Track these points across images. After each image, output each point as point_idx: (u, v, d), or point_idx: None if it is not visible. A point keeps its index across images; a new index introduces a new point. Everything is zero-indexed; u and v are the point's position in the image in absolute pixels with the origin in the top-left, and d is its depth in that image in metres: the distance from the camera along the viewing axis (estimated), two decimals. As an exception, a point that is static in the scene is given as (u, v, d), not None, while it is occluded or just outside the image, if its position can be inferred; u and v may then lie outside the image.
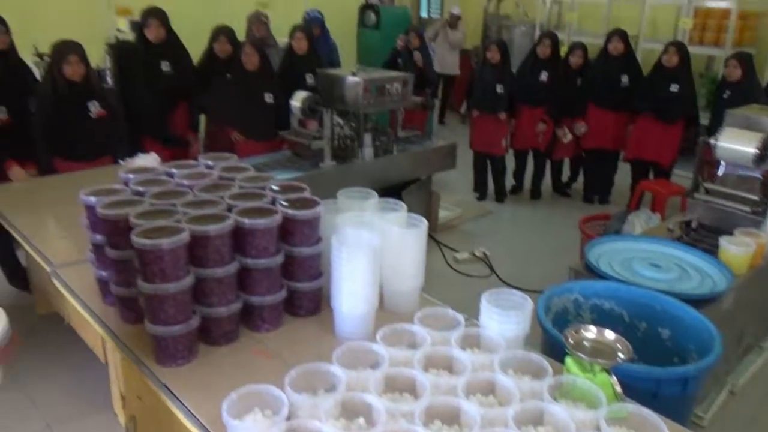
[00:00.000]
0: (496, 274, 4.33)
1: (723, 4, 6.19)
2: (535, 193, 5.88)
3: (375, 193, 2.12)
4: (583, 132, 5.39)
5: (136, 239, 1.56)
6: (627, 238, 2.98)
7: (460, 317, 1.73)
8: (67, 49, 3.25)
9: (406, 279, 1.93)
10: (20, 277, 3.61)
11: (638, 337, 2.24)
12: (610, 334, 1.56)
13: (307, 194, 1.96)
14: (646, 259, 2.66)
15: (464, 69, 9.26)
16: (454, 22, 7.81)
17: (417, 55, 5.49)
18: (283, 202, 1.85)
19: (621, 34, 5.22)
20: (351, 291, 1.74)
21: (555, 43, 5.40)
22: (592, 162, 5.69)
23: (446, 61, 7.97)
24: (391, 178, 4.41)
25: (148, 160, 3.54)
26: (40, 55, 4.72)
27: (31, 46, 4.70)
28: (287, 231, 1.83)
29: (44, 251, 2.44)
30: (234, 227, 1.71)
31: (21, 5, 4.66)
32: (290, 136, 4.10)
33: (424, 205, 4.73)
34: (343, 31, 7.18)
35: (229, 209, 1.81)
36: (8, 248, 3.53)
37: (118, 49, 4.37)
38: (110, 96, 3.86)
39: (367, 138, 4.15)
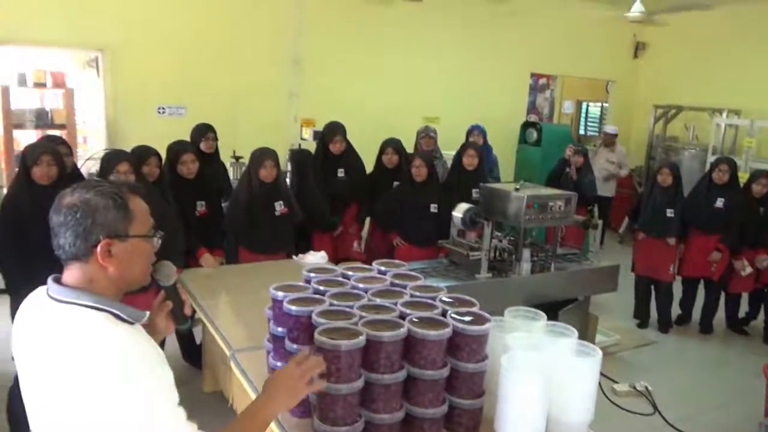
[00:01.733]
0: (661, 415, 3.91)
1: None
2: (706, 327, 5.34)
3: (543, 315, 2.08)
4: (766, 266, 4.89)
5: (318, 337, 1.66)
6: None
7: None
8: (264, 156, 3.71)
9: (574, 412, 1.82)
10: (195, 354, 3.94)
11: None
12: None
13: (476, 309, 1.97)
14: None
15: (624, 188, 9.02)
16: (609, 140, 7.67)
17: (572, 171, 5.47)
18: (455, 315, 1.87)
19: None
20: (519, 418, 1.68)
21: (733, 169, 5.08)
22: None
23: (603, 183, 7.77)
24: (548, 296, 4.27)
25: (317, 257, 3.82)
26: (236, 158, 5.39)
27: (230, 150, 5.40)
28: (455, 345, 1.83)
29: (224, 334, 2.66)
30: (406, 335, 1.75)
31: (221, 116, 5.41)
32: (449, 245, 4.19)
33: (581, 327, 4.47)
34: (504, 146, 7.39)
35: (401, 317, 1.87)
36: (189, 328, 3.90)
37: (299, 155, 4.85)
38: (291, 196, 4.29)
39: (526, 253, 4.11)
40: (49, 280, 1.28)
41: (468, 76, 7.52)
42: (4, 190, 5.17)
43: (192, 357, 3.97)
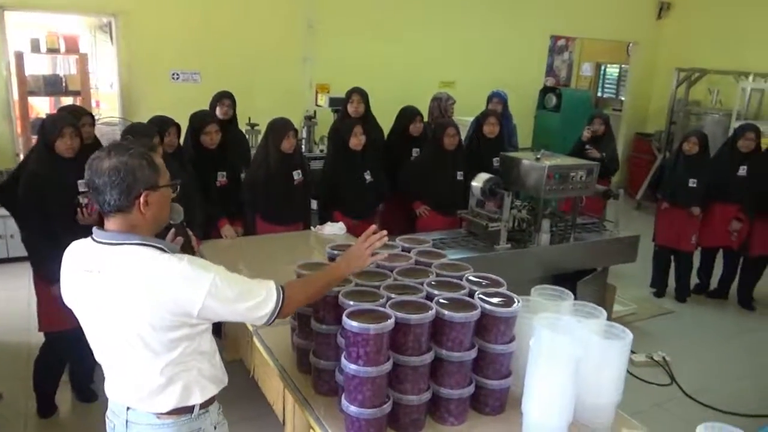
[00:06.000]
0: (679, 386, 3.91)
1: None
2: (722, 293, 5.33)
3: (570, 294, 2.05)
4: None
5: (347, 320, 1.65)
6: None
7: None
8: (287, 127, 3.67)
9: (603, 393, 1.81)
10: (214, 324, 3.97)
11: None
12: None
13: (504, 290, 1.95)
14: None
15: (642, 153, 8.88)
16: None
17: (593, 152, 5.27)
18: (483, 296, 1.85)
19: None
20: (546, 400, 1.68)
21: (758, 136, 4.96)
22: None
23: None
24: (567, 267, 4.25)
25: (335, 228, 3.80)
26: (252, 125, 5.34)
27: (245, 117, 5.34)
28: (483, 326, 1.82)
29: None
30: (434, 317, 1.74)
31: (236, 82, 5.35)
32: (468, 216, 4.15)
33: (599, 297, 4.47)
34: (522, 111, 7.25)
35: (428, 297, 1.85)
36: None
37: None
38: (307, 165, 4.26)
39: (545, 224, 4.07)
40: (95, 229, 1.56)
41: (486, 39, 7.33)
42: (21, 156, 5.19)
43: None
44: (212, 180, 3.71)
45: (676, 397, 3.82)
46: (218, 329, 3.87)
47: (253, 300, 1.59)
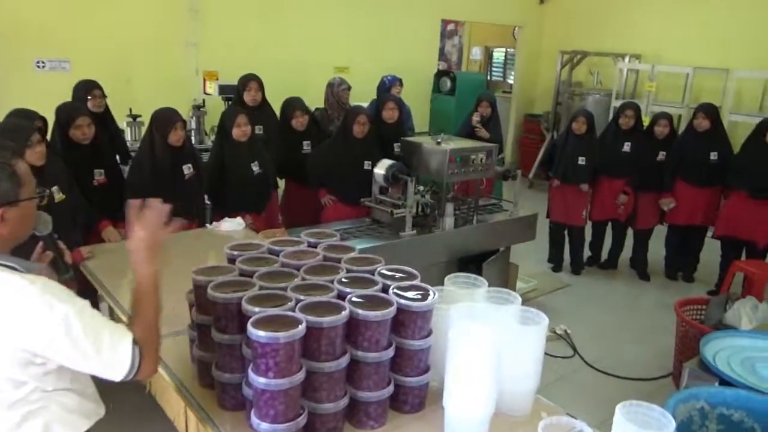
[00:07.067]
0: (581, 356, 4.08)
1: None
2: (611, 264, 5.65)
3: (484, 281, 2.00)
4: (672, 208, 5.16)
5: (252, 330, 1.49)
6: (745, 334, 2.73)
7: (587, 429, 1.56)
8: (174, 118, 3.38)
9: (522, 380, 1.78)
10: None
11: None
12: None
13: (418, 282, 1.86)
14: (770, 361, 2.41)
15: (532, 133, 9.23)
16: None
17: (482, 132, 5.37)
18: (398, 291, 1.75)
19: (706, 111, 5.01)
20: (467, 393, 1.61)
21: (638, 113, 5.26)
22: (677, 237, 5.41)
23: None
24: (472, 249, 4.29)
25: (234, 224, 3.57)
26: (133, 117, 4.91)
27: (124, 108, 4.90)
28: (399, 322, 1.72)
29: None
30: (348, 318, 1.62)
31: (112, 70, 4.92)
32: (372, 204, 4.06)
33: (503, 277, 4.56)
34: (417, 96, 7.26)
35: (340, 297, 1.72)
36: (94, 305, 3.56)
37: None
38: (198, 158, 3.97)
39: (449, 207, 4.07)
40: None
41: (378, 23, 7.23)
42: None
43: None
44: (88, 179, 3.34)
45: (579, 368, 3.98)
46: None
47: (109, 352, 1.34)
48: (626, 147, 5.18)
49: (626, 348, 4.25)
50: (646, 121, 5.78)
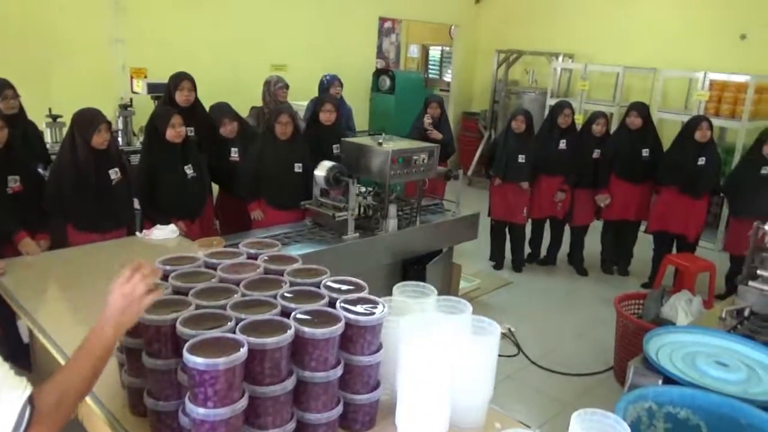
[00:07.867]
0: (525, 354, 4.10)
1: (741, 78, 6.22)
2: (551, 260, 5.76)
3: (433, 289, 1.93)
4: (607, 204, 5.29)
5: (189, 356, 1.35)
6: (685, 329, 2.79)
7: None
8: (98, 119, 3.14)
9: (476, 392, 1.72)
10: (21, 353, 3.34)
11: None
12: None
13: (366, 293, 1.76)
14: (710, 356, 2.46)
15: (470, 131, 9.31)
16: None
17: (435, 134, 5.33)
18: (345, 305, 1.65)
19: (639, 109, 5.18)
20: (421, 410, 1.54)
21: (573, 112, 5.37)
22: (612, 232, 5.57)
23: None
24: (415, 251, 4.24)
25: (166, 231, 3.37)
26: (53, 117, 4.58)
27: (42, 108, 4.56)
28: (348, 338, 1.63)
29: (57, 340, 2.20)
30: (293, 337, 1.51)
31: (27, 68, 4.57)
32: (313, 207, 3.94)
33: (446, 277, 4.54)
34: (356, 95, 7.16)
35: (284, 313, 1.61)
36: (12, 325, 3.29)
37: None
38: (125, 161, 3.74)
39: (392, 209, 4.00)
40: None
41: (316, 20, 7.08)
42: None
43: (17, 357, 3.37)
44: (2, 187, 3.07)
45: (524, 366, 4.00)
46: (25, 359, 3.26)
47: None
48: (562, 145, 5.28)
49: (568, 343, 4.32)
50: (579, 119, 5.92)
